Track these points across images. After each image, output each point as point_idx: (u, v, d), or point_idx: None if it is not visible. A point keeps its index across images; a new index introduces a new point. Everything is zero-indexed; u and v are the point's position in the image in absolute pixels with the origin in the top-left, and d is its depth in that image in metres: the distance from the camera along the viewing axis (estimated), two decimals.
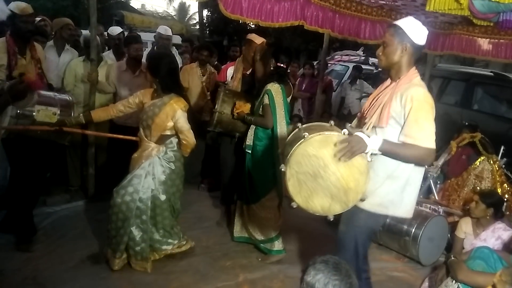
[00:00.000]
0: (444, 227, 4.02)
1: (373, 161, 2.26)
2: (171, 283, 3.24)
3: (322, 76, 6.36)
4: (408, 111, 2.22)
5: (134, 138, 3.44)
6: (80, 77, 4.40)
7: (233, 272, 3.48)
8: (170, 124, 3.18)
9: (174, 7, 31.07)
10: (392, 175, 2.34)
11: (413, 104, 2.20)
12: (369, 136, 2.20)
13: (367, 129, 2.36)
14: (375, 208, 2.39)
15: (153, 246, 3.34)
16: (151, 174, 3.20)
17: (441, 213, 4.16)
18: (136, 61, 4.43)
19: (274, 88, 3.53)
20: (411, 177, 2.37)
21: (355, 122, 2.70)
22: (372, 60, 10.89)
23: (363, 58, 11.23)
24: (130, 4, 22.52)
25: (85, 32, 5.05)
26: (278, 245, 3.71)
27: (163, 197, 3.25)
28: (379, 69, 9.88)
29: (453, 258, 3.07)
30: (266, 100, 3.52)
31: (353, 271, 1.75)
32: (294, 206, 2.24)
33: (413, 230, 3.82)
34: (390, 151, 2.24)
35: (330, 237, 3.45)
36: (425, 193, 4.59)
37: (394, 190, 2.37)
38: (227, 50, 7.01)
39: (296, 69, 7.53)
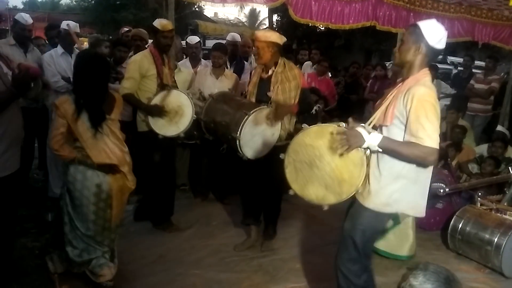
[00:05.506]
0: None
1: (380, 160, 2.29)
2: (242, 281, 3.34)
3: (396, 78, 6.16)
4: (409, 110, 2.19)
5: None
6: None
7: (303, 274, 3.49)
8: None
9: (245, 13, 31.79)
10: (398, 175, 2.30)
11: (413, 103, 2.17)
12: (369, 132, 2.21)
13: (369, 125, 2.35)
14: (379, 207, 2.36)
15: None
16: None
17: None
18: (219, 67, 4.57)
19: None
20: (417, 177, 2.32)
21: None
22: (451, 59, 10.35)
23: (440, 57, 10.70)
24: (204, 13, 23.39)
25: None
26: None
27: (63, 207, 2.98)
28: (459, 69, 9.35)
29: None
30: None
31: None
32: (291, 193, 2.41)
33: (496, 239, 3.59)
34: (390, 148, 2.21)
35: None
36: (510, 200, 4.27)
37: (398, 189, 2.33)
38: (296, 54, 7.02)
39: (371, 71, 7.37)
